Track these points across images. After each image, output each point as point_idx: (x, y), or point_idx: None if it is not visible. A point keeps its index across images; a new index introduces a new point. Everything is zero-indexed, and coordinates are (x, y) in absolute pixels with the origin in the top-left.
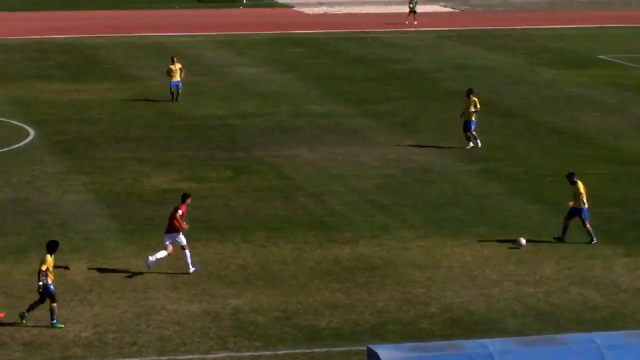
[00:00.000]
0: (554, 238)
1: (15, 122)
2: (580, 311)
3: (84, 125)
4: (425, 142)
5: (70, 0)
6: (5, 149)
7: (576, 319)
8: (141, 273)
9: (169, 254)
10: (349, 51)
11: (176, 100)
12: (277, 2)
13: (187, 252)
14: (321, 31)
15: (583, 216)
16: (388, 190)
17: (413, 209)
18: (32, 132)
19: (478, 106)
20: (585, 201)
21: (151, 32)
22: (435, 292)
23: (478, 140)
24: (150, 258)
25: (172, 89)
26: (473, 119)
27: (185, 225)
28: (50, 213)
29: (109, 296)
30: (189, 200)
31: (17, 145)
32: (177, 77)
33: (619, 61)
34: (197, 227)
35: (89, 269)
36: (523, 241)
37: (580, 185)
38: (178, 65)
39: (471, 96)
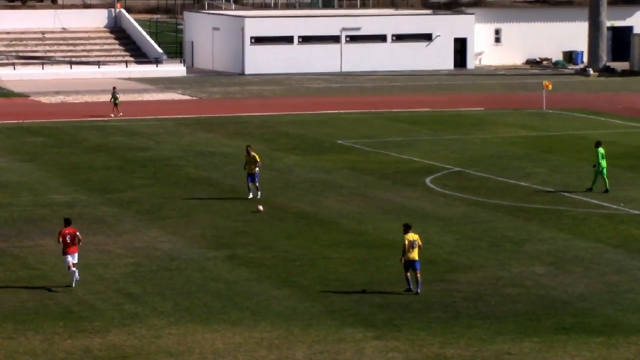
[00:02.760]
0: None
1: None
2: None
3: None
4: (171, 229)
5: None
6: None
7: None
8: None
9: None
10: (88, 139)
11: None
12: (12, 92)
13: None
14: (59, 120)
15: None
16: (136, 279)
17: (162, 296)
18: None
19: (258, 160)
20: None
21: None
22: None
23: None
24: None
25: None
26: (256, 171)
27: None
28: None
29: None
30: None
31: None
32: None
33: (357, 146)
34: None
35: None
36: (261, 208)
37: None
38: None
39: (250, 151)
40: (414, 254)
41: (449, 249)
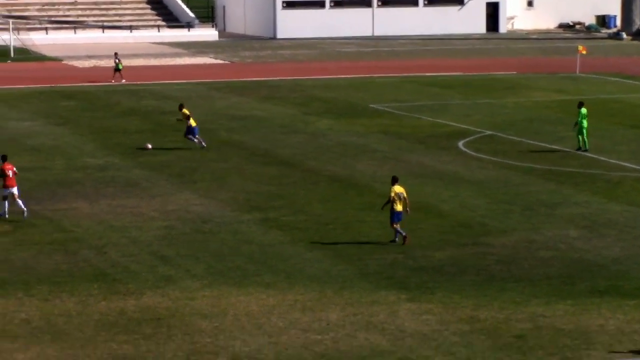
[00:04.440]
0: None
1: None
2: (367, 357)
3: None
4: (204, 193)
5: None
6: None
7: None
8: None
9: None
10: (121, 103)
11: None
12: (45, 56)
13: None
14: (92, 84)
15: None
16: (169, 241)
17: (195, 259)
18: None
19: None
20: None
21: None
22: (223, 341)
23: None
24: None
25: None
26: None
27: None
28: None
29: None
30: None
31: None
32: None
33: (390, 110)
34: None
35: None
36: (149, 145)
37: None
38: None
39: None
40: (398, 207)
41: (482, 212)
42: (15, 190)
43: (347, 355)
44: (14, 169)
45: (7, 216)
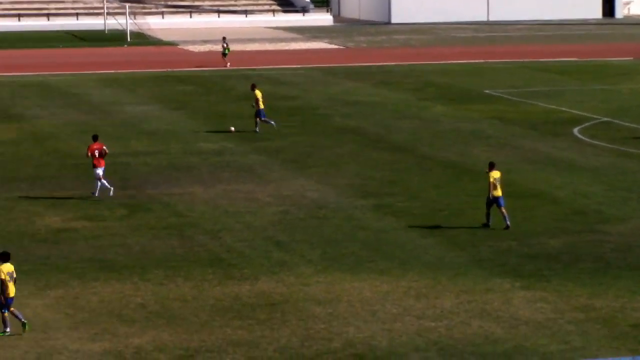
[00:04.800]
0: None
1: None
2: (482, 345)
3: None
4: (319, 178)
5: None
6: None
7: (478, 352)
8: (40, 313)
9: None
10: (236, 88)
11: None
12: (161, 40)
13: None
14: (207, 69)
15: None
16: (284, 227)
17: (310, 245)
18: None
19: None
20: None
21: (37, 72)
22: (336, 327)
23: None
24: None
25: None
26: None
27: None
28: None
29: (8, 337)
30: None
31: None
32: None
33: (504, 96)
34: (94, 266)
35: None
36: (232, 128)
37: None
38: None
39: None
40: (498, 192)
41: (598, 199)
42: (100, 170)
43: (460, 343)
44: (104, 147)
45: (97, 194)
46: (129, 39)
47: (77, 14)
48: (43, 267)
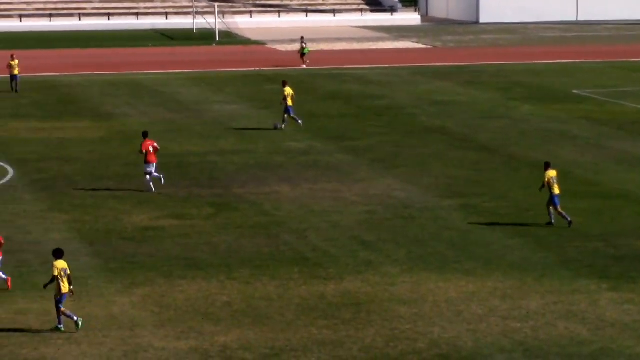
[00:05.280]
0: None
1: None
2: (567, 346)
3: (63, 163)
4: (405, 178)
5: (41, 38)
6: None
7: (564, 354)
8: (126, 311)
9: None
10: (324, 87)
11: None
12: (249, 40)
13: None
14: (295, 68)
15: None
16: (370, 226)
17: (396, 244)
18: (10, 170)
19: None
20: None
21: (126, 70)
22: (422, 327)
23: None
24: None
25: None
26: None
27: None
28: (32, 252)
29: (96, 334)
30: None
31: None
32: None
33: (593, 96)
34: (180, 264)
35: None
36: (278, 125)
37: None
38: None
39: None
40: (557, 189)
41: None
42: (153, 166)
43: (546, 344)
44: (155, 144)
45: (153, 190)
46: (217, 38)
47: (166, 14)
48: (130, 265)
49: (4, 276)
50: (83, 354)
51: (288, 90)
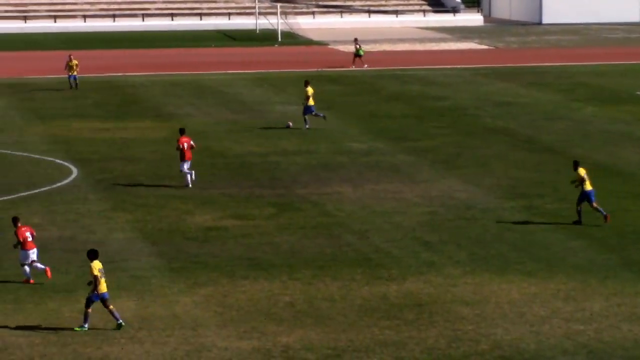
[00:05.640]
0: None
1: (58, 161)
2: (631, 349)
3: (126, 163)
4: (467, 179)
5: (105, 39)
6: (49, 188)
7: (628, 356)
8: (189, 310)
9: None
10: (386, 88)
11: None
12: (312, 40)
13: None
14: (358, 69)
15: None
16: (432, 227)
17: (458, 245)
18: (74, 170)
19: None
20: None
21: (189, 71)
22: (484, 329)
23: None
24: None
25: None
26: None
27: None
28: None
29: (159, 334)
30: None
31: (60, 184)
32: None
33: None
34: (243, 264)
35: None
36: (290, 123)
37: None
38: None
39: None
40: (588, 186)
41: None
42: (188, 163)
43: (610, 347)
44: (191, 141)
45: (190, 185)
46: (279, 39)
47: (229, 14)
48: (193, 265)
49: (42, 266)
50: (146, 352)
51: (310, 90)
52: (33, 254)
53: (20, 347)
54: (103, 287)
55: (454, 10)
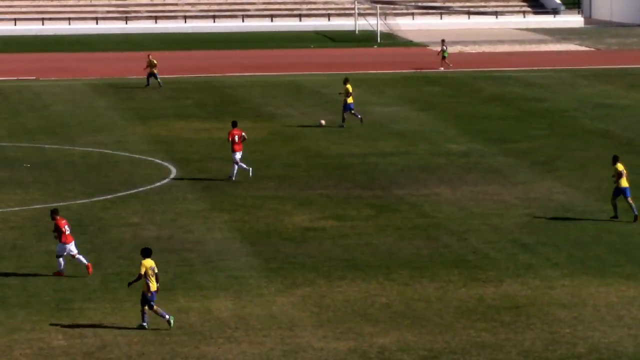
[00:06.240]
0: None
1: (157, 161)
2: None
3: (224, 163)
4: (566, 181)
5: (205, 39)
6: (148, 187)
7: None
8: (286, 311)
9: None
10: (485, 90)
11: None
12: (411, 42)
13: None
14: (456, 70)
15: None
16: (530, 229)
17: (556, 248)
18: (173, 170)
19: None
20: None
21: (288, 72)
22: (581, 332)
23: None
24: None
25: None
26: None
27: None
28: (194, 251)
29: (256, 333)
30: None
31: (159, 184)
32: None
33: None
34: (340, 265)
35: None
36: (322, 122)
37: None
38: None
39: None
40: (624, 182)
41: None
42: (238, 155)
43: None
44: (243, 133)
45: (234, 179)
46: (378, 40)
47: (328, 15)
48: (290, 266)
49: (85, 261)
50: (243, 352)
51: (349, 88)
52: (72, 247)
53: (119, 345)
54: (153, 286)
55: (554, 11)
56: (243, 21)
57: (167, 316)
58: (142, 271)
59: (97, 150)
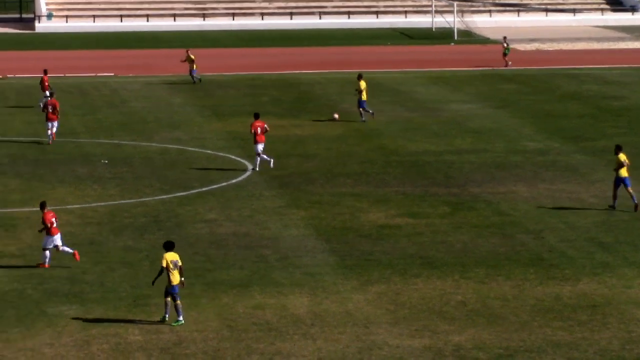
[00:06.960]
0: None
1: (233, 157)
2: None
3: (301, 160)
4: None
5: (282, 36)
6: (225, 184)
7: None
8: (362, 308)
9: None
10: (562, 87)
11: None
12: (488, 39)
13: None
14: (533, 67)
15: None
16: (607, 228)
17: (634, 247)
18: (250, 166)
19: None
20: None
21: (365, 69)
22: None
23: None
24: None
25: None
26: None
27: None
28: (270, 247)
29: (331, 330)
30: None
31: (236, 180)
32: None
33: None
34: (415, 262)
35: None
36: (336, 115)
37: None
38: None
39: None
40: (624, 172)
41: None
42: (260, 146)
43: None
44: (265, 125)
45: (257, 169)
46: (455, 37)
47: (405, 12)
48: (366, 263)
49: (69, 250)
50: (318, 349)
51: (362, 84)
52: (58, 239)
53: (195, 341)
54: (175, 279)
55: (633, 9)
56: (320, 18)
57: (180, 317)
58: (164, 264)
59: (174, 147)
